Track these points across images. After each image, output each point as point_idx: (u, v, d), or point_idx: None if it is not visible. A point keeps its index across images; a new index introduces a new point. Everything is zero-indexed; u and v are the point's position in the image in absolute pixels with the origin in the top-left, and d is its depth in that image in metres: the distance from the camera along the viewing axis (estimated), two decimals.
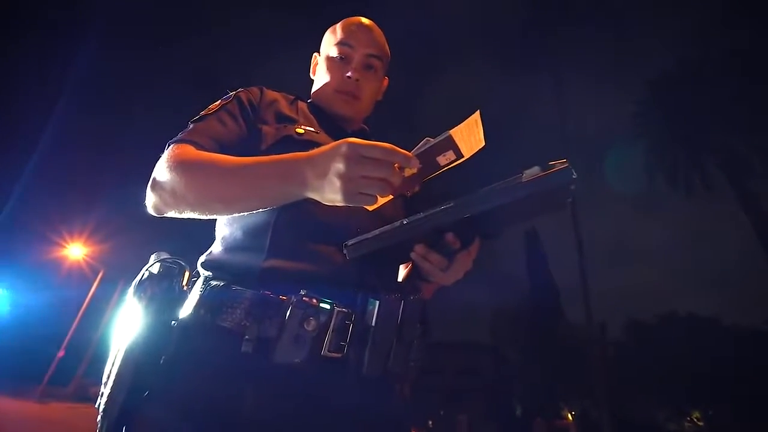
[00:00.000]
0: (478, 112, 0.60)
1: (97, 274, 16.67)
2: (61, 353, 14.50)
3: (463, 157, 0.62)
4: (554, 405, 17.00)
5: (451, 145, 0.60)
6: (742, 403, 12.82)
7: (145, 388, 0.62)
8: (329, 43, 0.98)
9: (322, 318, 0.62)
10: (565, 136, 15.43)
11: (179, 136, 0.79)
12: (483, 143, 0.64)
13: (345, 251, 0.66)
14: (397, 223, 0.62)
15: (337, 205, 0.58)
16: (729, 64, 14.28)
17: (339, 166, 0.55)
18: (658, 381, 14.35)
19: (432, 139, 0.59)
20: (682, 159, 15.24)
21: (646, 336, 16.28)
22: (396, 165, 0.56)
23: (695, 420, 15.83)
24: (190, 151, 0.72)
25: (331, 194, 0.57)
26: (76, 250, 18.69)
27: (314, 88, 1.01)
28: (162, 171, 0.70)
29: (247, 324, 0.62)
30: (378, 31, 0.99)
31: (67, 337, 14.73)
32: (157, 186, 0.71)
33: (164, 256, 0.76)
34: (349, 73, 0.92)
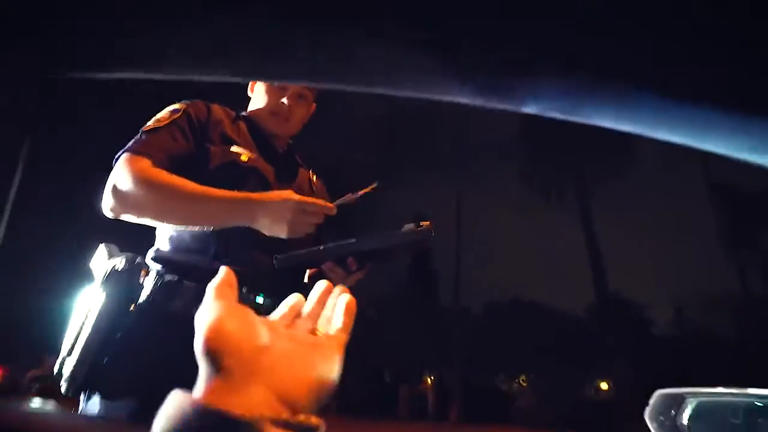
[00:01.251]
0: (375, 184, 0.96)
1: None
2: None
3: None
4: (417, 372, 19.39)
5: (358, 198, 0.95)
6: (553, 369, 16.89)
7: (104, 357, 0.80)
8: None
9: (257, 309, 0.88)
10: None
11: (134, 146, 0.91)
12: (376, 184, 1.00)
13: (275, 262, 0.91)
14: (315, 249, 0.90)
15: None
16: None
17: (287, 216, 0.83)
18: (501, 352, 17.57)
19: (351, 195, 0.94)
20: (551, 178, 19.30)
21: (499, 315, 19.56)
22: (323, 214, 0.86)
23: (521, 381, 20.09)
24: (149, 168, 0.86)
25: (278, 232, 0.84)
26: None
27: (252, 105, 1.17)
28: (125, 182, 0.84)
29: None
30: None
31: None
32: (118, 194, 0.84)
33: (116, 249, 0.91)
34: (284, 100, 1.10)
